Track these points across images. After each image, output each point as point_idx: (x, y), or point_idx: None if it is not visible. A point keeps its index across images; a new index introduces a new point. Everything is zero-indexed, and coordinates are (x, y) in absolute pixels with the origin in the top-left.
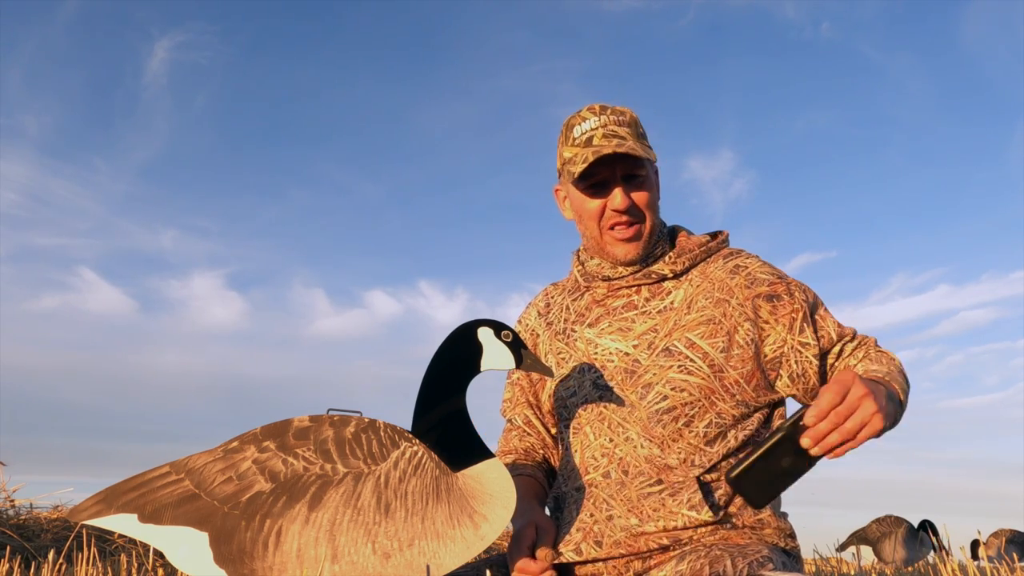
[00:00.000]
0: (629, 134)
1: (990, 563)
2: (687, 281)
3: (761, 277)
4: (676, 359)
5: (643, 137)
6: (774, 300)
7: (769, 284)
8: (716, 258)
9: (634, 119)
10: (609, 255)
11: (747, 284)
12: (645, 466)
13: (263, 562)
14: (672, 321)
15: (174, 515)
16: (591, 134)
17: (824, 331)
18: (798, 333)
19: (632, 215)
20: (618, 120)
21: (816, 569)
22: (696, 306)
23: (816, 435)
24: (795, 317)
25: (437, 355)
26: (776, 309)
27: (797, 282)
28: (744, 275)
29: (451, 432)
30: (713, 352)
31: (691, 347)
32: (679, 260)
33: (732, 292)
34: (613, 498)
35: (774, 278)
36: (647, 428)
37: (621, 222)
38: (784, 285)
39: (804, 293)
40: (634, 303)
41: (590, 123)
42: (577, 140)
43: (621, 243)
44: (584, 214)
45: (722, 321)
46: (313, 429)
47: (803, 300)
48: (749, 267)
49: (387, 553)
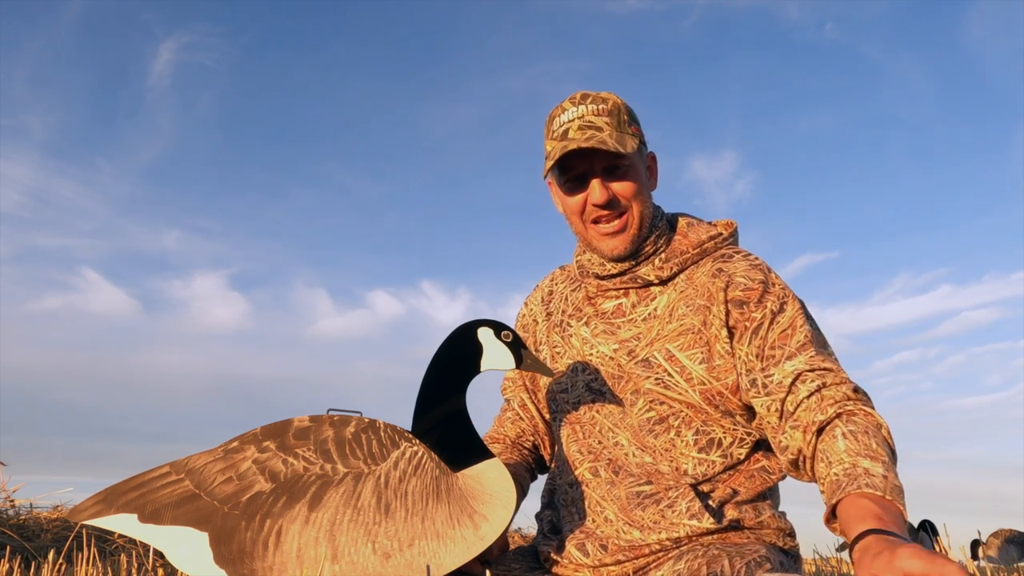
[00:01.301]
0: (608, 123)
1: (990, 563)
2: (672, 287)
3: (739, 281)
4: (654, 371)
5: (627, 124)
6: (742, 307)
7: (743, 289)
8: (707, 260)
9: (617, 105)
10: (597, 251)
11: (723, 287)
12: (636, 469)
13: (263, 562)
14: (655, 330)
15: (174, 515)
16: (567, 126)
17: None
18: (746, 344)
19: (614, 208)
20: (597, 110)
21: (816, 569)
22: (677, 314)
23: None
24: (748, 326)
25: (437, 355)
26: (742, 315)
27: (780, 292)
28: (724, 279)
29: (451, 432)
30: (691, 365)
31: (670, 359)
32: (667, 265)
33: (712, 297)
34: (605, 499)
35: (753, 283)
36: (638, 436)
37: (603, 216)
38: (758, 292)
39: (781, 305)
40: (622, 308)
41: (568, 114)
42: (555, 133)
43: (606, 238)
44: (567, 209)
45: (701, 330)
46: (313, 429)
47: (772, 311)
48: (732, 270)
49: (387, 553)
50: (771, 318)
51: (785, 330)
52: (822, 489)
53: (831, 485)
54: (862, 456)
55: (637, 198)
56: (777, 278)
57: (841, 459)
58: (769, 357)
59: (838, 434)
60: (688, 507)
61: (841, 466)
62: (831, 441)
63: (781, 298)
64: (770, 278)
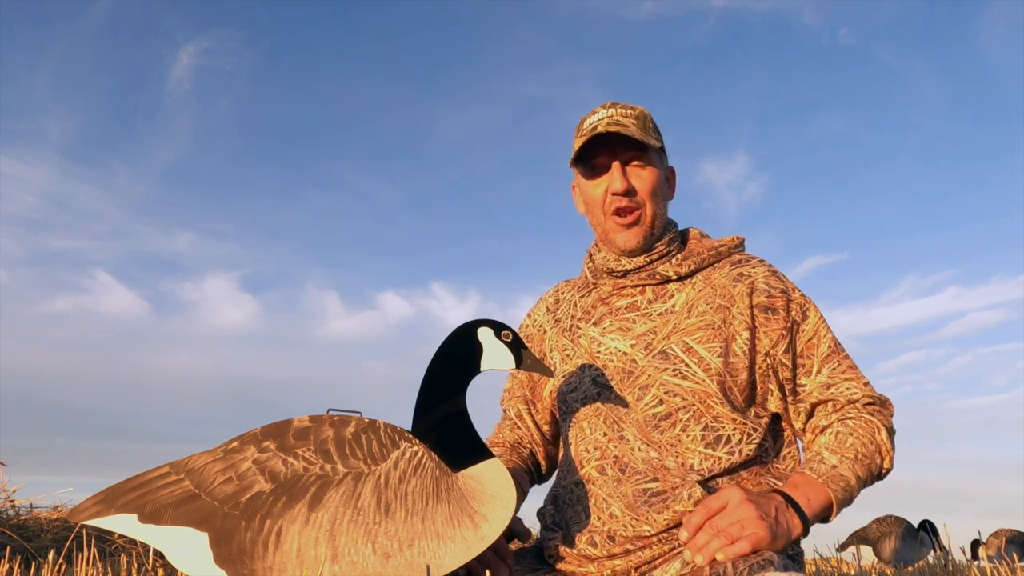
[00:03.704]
0: (634, 124)
1: (990, 563)
2: (690, 285)
3: (763, 287)
4: (671, 362)
5: (651, 130)
6: (768, 312)
7: (768, 296)
8: (724, 264)
9: (644, 114)
10: (612, 243)
11: (748, 292)
12: (642, 466)
13: (263, 562)
14: (672, 324)
15: (174, 515)
16: (596, 124)
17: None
18: (781, 352)
19: (631, 197)
20: (625, 112)
21: (816, 569)
22: (697, 310)
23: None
24: (784, 335)
25: (437, 355)
26: (768, 321)
27: (801, 300)
28: (747, 283)
29: (451, 432)
30: (710, 357)
31: (687, 351)
32: (685, 263)
33: (734, 300)
34: (611, 496)
35: (776, 291)
36: (644, 432)
37: (622, 207)
38: (783, 300)
39: (803, 313)
40: (637, 304)
41: (598, 115)
42: (584, 131)
43: (622, 229)
44: (588, 200)
45: (721, 328)
46: (313, 429)
47: (796, 320)
48: (754, 276)
49: (387, 553)
50: (796, 327)
51: (811, 339)
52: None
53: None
54: (827, 449)
55: (653, 197)
56: (793, 284)
57: (815, 449)
58: (800, 366)
59: (828, 432)
60: (691, 495)
61: (809, 454)
62: (820, 437)
63: (803, 306)
64: (788, 286)
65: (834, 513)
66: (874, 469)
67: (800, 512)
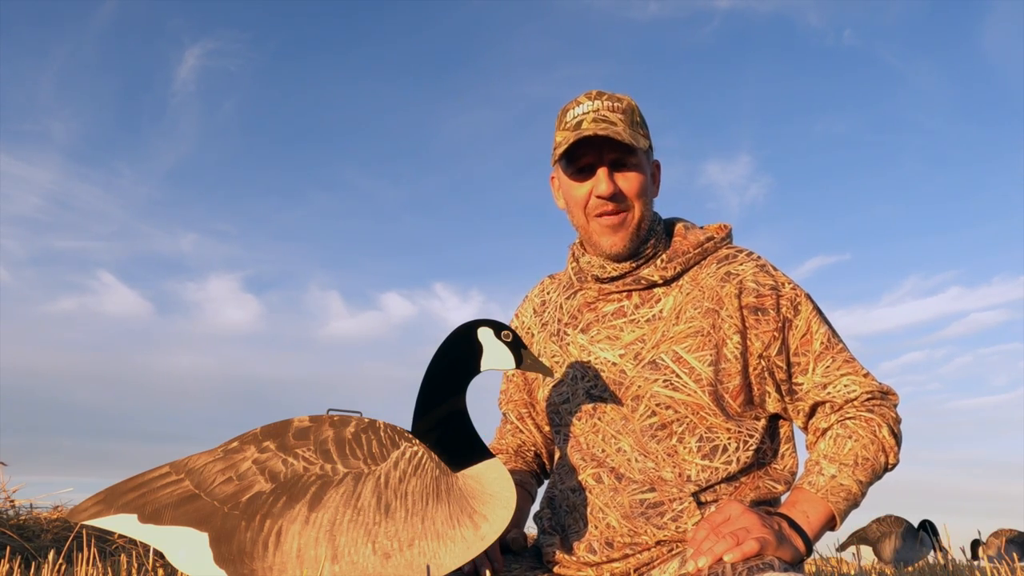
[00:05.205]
0: (621, 120)
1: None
2: (677, 288)
3: (751, 287)
4: (662, 373)
5: (639, 125)
6: (759, 313)
7: (757, 295)
8: (711, 261)
9: (631, 106)
10: (597, 246)
11: (737, 293)
12: (638, 476)
13: (263, 562)
14: (660, 332)
15: (174, 515)
16: (582, 118)
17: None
18: (775, 354)
19: (618, 202)
20: (612, 106)
21: (816, 569)
22: (685, 316)
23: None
24: (776, 336)
25: (437, 355)
26: (759, 323)
27: (791, 294)
28: (735, 283)
29: (451, 432)
30: (700, 366)
31: (678, 361)
32: (671, 265)
33: (722, 302)
34: (608, 506)
35: (765, 288)
36: (640, 443)
37: (607, 210)
38: (773, 297)
39: (795, 308)
40: (624, 310)
41: (583, 107)
42: (568, 124)
43: (607, 233)
44: (571, 201)
45: (711, 333)
46: (313, 429)
47: (787, 316)
48: (742, 274)
49: (387, 553)
50: (788, 324)
51: (804, 335)
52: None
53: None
54: (826, 458)
55: (640, 198)
56: (783, 276)
57: (815, 457)
58: (795, 365)
59: (827, 436)
60: (687, 511)
61: (809, 462)
62: (819, 443)
63: (794, 300)
64: (778, 279)
65: (838, 523)
66: (878, 469)
67: (801, 532)
